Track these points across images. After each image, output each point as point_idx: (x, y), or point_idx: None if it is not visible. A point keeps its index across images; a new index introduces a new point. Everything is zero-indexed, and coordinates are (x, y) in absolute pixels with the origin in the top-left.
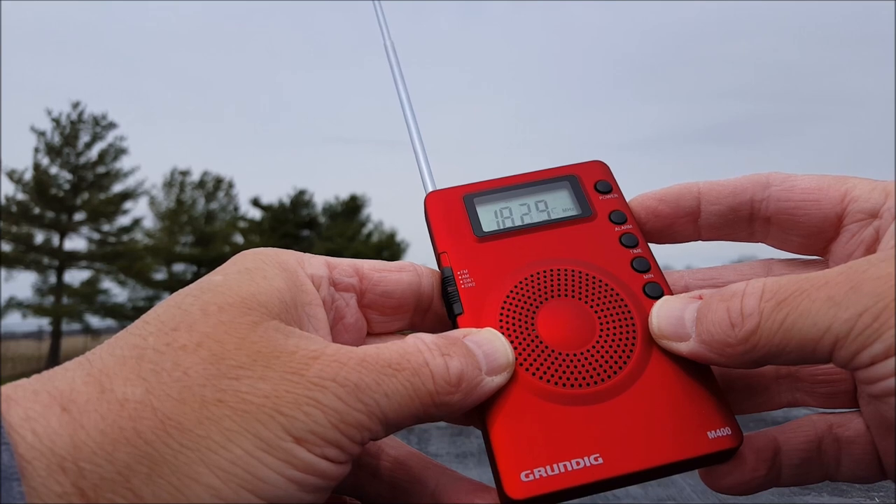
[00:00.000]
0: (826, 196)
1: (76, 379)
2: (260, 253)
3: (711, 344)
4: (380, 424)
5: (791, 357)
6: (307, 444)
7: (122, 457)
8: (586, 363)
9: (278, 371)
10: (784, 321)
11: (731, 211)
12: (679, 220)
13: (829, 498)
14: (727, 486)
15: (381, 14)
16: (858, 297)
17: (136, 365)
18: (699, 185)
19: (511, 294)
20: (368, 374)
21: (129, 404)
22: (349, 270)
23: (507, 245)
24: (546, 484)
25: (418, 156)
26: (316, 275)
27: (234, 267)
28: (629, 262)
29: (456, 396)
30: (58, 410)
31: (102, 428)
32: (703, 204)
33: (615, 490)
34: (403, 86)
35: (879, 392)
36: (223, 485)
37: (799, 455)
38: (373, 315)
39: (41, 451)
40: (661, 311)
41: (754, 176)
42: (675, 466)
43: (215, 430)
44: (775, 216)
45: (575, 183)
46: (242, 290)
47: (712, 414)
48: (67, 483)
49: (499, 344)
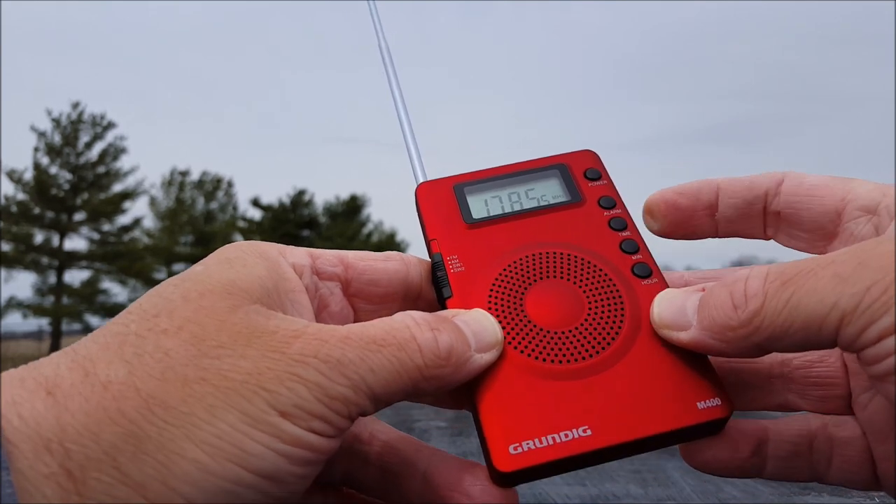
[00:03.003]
0: (830, 193)
1: (61, 365)
2: (242, 244)
3: (713, 329)
4: (367, 399)
5: (795, 339)
6: (293, 418)
7: (107, 437)
8: (575, 340)
9: (259, 349)
10: (790, 299)
11: (747, 204)
12: (698, 213)
13: (829, 498)
14: (704, 461)
15: (376, 11)
16: (866, 271)
17: (119, 349)
18: (718, 181)
19: (500, 276)
20: (352, 350)
21: (113, 386)
22: (333, 260)
23: (497, 231)
24: (535, 456)
25: (409, 148)
26: (298, 263)
27: (216, 258)
28: (618, 245)
29: (446, 370)
30: (43, 395)
31: (87, 409)
32: (721, 197)
33: (615, 490)
34: (396, 80)
35: (884, 371)
36: (210, 459)
37: (787, 448)
38: (360, 304)
39: (27, 434)
40: (662, 300)
41: (771, 173)
42: (664, 437)
43: (199, 406)
44: (784, 210)
45: (564, 171)
46: (223, 277)
47: (702, 385)
48: (54, 464)
49: (487, 323)
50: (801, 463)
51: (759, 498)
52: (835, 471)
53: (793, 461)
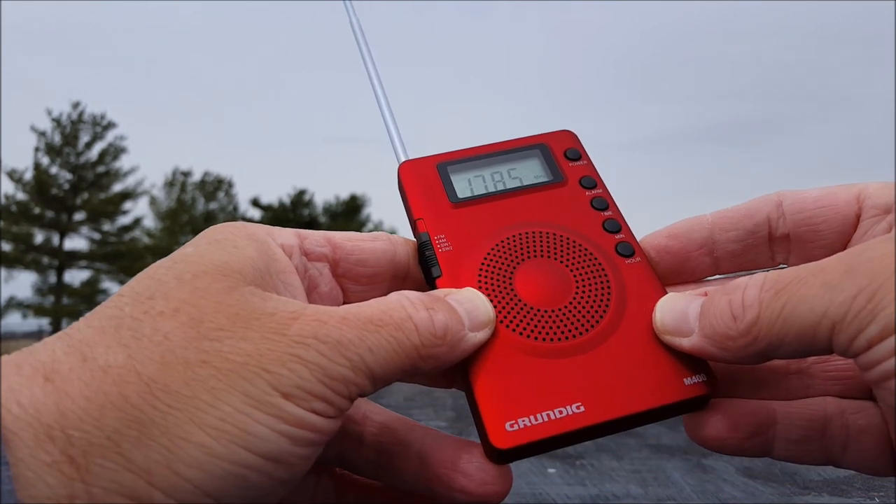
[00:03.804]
0: (839, 199)
1: (57, 350)
2: (228, 226)
3: (714, 337)
4: (366, 379)
5: (792, 347)
6: (295, 399)
7: (109, 422)
8: (564, 318)
9: (259, 331)
10: (783, 309)
11: (749, 234)
12: (692, 255)
13: (829, 498)
14: (704, 437)
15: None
16: (853, 278)
17: (116, 333)
18: (709, 217)
19: (488, 256)
20: (350, 331)
21: (113, 370)
22: (321, 240)
23: (482, 210)
24: (531, 433)
25: (388, 126)
26: (286, 244)
27: (204, 239)
28: (601, 224)
29: (442, 349)
30: (41, 381)
31: (87, 395)
32: (716, 232)
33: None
34: (371, 60)
35: (877, 377)
36: (215, 442)
37: (798, 431)
38: (348, 284)
39: (27, 422)
40: (665, 306)
41: (763, 197)
42: (654, 413)
43: (202, 389)
44: (794, 230)
45: (545, 151)
46: (215, 258)
47: (687, 362)
48: (56, 451)
49: (479, 301)
50: (813, 447)
51: (759, 498)
52: (851, 456)
53: (804, 444)
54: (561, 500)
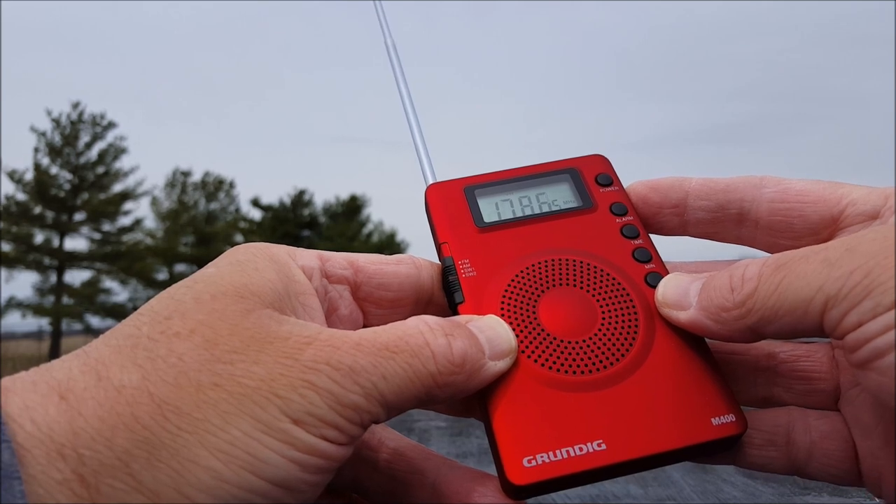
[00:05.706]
0: (822, 198)
1: (73, 368)
2: (251, 247)
3: (709, 309)
4: (379, 406)
5: (784, 323)
6: (306, 426)
7: (121, 442)
8: (589, 350)
9: (272, 355)
10: (780, 283)
11: (720, 208)
12: (664, 211)
13: (829, 498)
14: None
15: (382, 11)
16: (853, 256)
17: (132, 353)
18: (692, 181)
19: (512, 283)
20: (364, 357)
21: (126, 390)
22: (343, 263)
23: (509, 235)
24: (549, 469)
25: (418, 148)
26: (307, 266)
27: (226, 260)
28: (630, 253)
29: (460, 377)
30: (56, 399)
31: (100, 414)
32: (690, 199)
33: (615, 490)
34: (403, 80)
35: (866, 357)
36: (224, 466)
37: (762, 437)
38: (370, 308)
39: (40, 440)
40: (669, 281)
41: (748, 177)
42: (678, 453)
43: (213, 412)
44: (766, 218)
45: (576, 176)
46: (235, 280)
47: (716, 400)
48: (67, 470)
49: (501, 329)
50: (778, 454)
51: (759, 498)
52: (815, 465)
53: (767, 450)
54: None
